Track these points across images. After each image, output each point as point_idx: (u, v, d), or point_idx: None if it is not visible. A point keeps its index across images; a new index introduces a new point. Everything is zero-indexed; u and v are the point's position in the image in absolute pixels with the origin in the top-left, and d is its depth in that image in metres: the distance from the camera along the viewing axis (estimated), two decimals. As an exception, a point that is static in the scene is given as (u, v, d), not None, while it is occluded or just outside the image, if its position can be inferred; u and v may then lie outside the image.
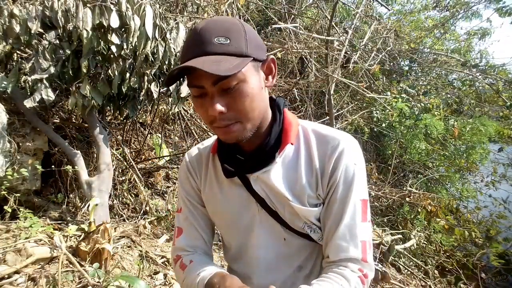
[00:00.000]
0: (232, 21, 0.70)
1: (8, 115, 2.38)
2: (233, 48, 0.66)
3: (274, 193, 0.78)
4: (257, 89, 0.70)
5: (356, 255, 0.74)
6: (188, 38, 0.70)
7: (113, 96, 2.70)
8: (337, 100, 5.21)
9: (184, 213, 0.91)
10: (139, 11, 2.29)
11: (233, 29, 0.68)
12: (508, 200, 4.94)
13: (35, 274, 1.89)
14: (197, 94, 0.70)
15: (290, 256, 0.83)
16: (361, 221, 0.75)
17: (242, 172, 0.79)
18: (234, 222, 0.85)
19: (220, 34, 0.66)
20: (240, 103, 0.68)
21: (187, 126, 4.31)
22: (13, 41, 2.21)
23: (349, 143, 0.77)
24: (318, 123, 0.84)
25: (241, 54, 0.67)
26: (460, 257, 4.06)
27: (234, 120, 0.69)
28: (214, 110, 0.67)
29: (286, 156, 0.78)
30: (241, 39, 0.67)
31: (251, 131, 0.72)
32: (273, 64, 0.75)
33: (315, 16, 5.17)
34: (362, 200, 0.76)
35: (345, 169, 0.75)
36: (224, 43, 0.66)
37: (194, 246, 0.89)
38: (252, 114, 0.70)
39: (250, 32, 0.69)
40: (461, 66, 5.74)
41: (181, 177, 0.92)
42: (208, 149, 0.89)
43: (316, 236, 0.80)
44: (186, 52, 0.69)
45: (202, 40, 0.66)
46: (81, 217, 2.72)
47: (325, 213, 0.78)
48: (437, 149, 5.36)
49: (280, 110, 0.80)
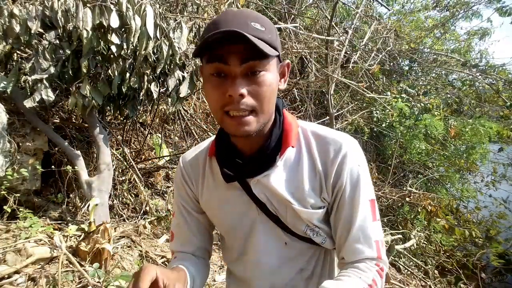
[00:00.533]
0: (262, 15, 0.70)
1: (8, 115, 2.38)
2: (268, 37, 0.65)
3: (275, 197, 0.77)
4: (275, 85, 0.69)
5: (371, 255, 0.74)
6: (216, 20, 0.66)
7: (113, 96, 2.70)
8: (337, 100, 5.21)
9: (177, 218, 0.90)
10: (140, 11, 2.29)
11: (265, 20, 0.68)
12: (508, 200, 4.94)
13: (35, 274, 1.89)
14: (216, 72, 0.66)
15: (291, 259, 0.82)
16: (372, 221, 0.75)
17: (242, 176, 0.77)
18: (234, 227, 0.84)
19: (256, 20, 0.65)
20: (261, 91, 0.66)
21: (187, 126, 4.31)
22: (13, 41, 2.21)
23: (351, 145, 0.76)
24: (316, 124, 0.84)
25: (273, 45, 0.66)
26: (460, 257, 4.06)
27: (250, 109, 0.67)
28: (236, 91, 0.64)
29: (287, 159, 0.77)
30: (273, 31, 0.67)
31: (261, 126, 0.70)
32: (287, 68, 0.75)
33: (315, 16, 5.17)
34: (370, 200, 0.76)
35: (350, 172, 0.74)
36: (259, 29, 0.64)
37: (185, 251, 0.89)
38: (267, 107, 0.69)
39: (277, 32, 0.70)
40: (461, 66, 5.75)
41: (177, 183, 0.91)
42: (205, 152, 0.87)
43: (318, 239, 0.79)
44: (213, 28, 0.64)
45: (237, 21, 0.63)
46: (81, 217, 2.72)
47: (335, 217, 0.77)
48: (437, 149, 5.36)
49: (280, 112, 0.79)
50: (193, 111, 4.41)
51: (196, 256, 0.90)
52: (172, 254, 0.92)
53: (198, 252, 0.90)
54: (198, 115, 4.51)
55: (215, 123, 4.49)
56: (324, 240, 0.80)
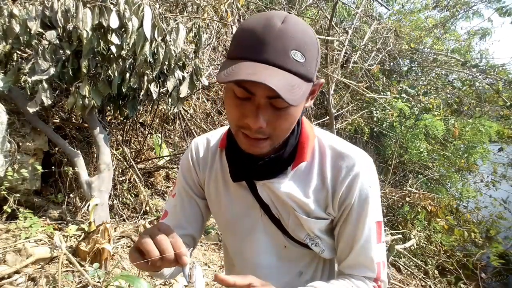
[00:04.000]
0: (311, 33, 0.61)
1: (8, 115, 2.38)
2: (305, 70, 0.59)
3: (279, 202, 0.76)
4: (299, 112, 0.66)
5: (371, 275, 0.76)
6: (258, 32, 0.57)
7: (113, 96, 2.70)
8: (337, 100, 5.21)
9: (176, 199, 0.88)
10: (138, 11, 2.29)
11: (310, 46, 0.60)
12: (508, 200, 4.94)
13: (35, 274, 1.90)
14: (241, 96, 0.62)
15: (290, 262, 0.82)
16: (376, 243, 0.75)
17: (250, 177, 0.77)
18: (234, 224, 0.84)
19: (298, 48, 0.57)
20: (282, 124, 0.64)
21: (187, 126, 4.31)
22: (13, 41, 2.21)
23: (365, 165, 0.74)
24: (335, 136, 0.80)
25: (309, 78, 0.60)
26: (460, 257, 4.06)
27: (267, 136, 0.64)
28: (256, 123, 0.60)
29: (298, 169, 0.76)
30: (313, 60, 0.61)
31: (274, 147, 0.69)
32: (318, 87, 0.70)
33: (315, 16, 5.17)
34: (376, 222, 0.75)
35: (359, 192, 0.72)
36: (299, 61, 0.58)
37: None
38: (285, 135, 0.67)
39: (319, 51, 0.63)
40: (461, 66, 5.74)
41: (183, 165, 0.88)
42: (217, 142, 0.85)
43: (317, 249, 0.79)
44: (251, 47, 0.57)
45: (278, 46, 0.56)
46: (81, 217, 2.72)
47: (339, 231, 0.77)
48: (437, 149, 5.36)
49: (299, 121, 0.75)
50: (193, 111, 4.41)
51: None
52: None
53: (185, 238, 0.87)
54: (198, 115, 4.51)
55: (215, 123, 4.49)
56: (323, 251, 0.79)
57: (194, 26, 2.88)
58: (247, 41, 0.59)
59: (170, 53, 2.46)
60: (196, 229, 0.89)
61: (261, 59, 0.56)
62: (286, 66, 0.56)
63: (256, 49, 0.57)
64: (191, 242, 0.89)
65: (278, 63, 0.56)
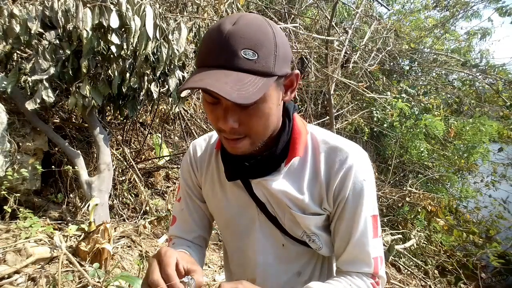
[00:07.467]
0: (265, 29, 0.62)
1: (8, 115, 2.38)
2: (260, 66, 0.59)
3: (275, 200, 0.77)
4: (274, 107, 0.66)
5: (368, 271, 0.75)
6: (211, 38, 0.61)
7: (113, 96, 2.70)
8: (337, 100, 5.21)
9: (182, 204, 0.91)
10: (139, 11, 2.29)
11: (264, 42, 0.60)
12: (507, 200, 4.94)
13: (35, 274, 1.89)
14: (210, 101, 0.64)
15: (289, 261, 0.83)
16: (372, 238, 0.74)
17: (245, 176, 0.78)
18: (232, 223, 0.84)
19: (248, 46, 0.58)
20: (254, 122, 0.64)
21: (187, 126, 4.31)
22: (13, 41, 2.21)
23: (358, 158, 0.74)
24: (328, 132, 0.81)
25: (267, 73, 0.60)
26: (460, 257, 4.06)
27: (244, 135, 0.66)
28: (226, 125, 0.63)
29: (291, 165, 0.76)
30: (270, 55, 0.61)
31: (258, 146, 0.69)
32: (295, 79, 0.69)
33: (315, 16, 5.17)
34: (372, 216, 0.75)
35: (353, 186, 0.72)
36: (251, 59, 0.58)
37: (184, 238, 0.90)
38: (263, 132, 0.67)
39: (280, 45, 0.62)
40: (461, 66, 5.74)
41: (183, 168, 0.91)
42: (213, 143, 0.87)
43: (314, 246, 0.79)
44: (205, 54, 0.61)
45: (227, 49, 0.58)
46: (81, 217, 2.72)
47: (335, 227, 0.77)
48: (437, 149, 5.37)
49: (290, 117, 0.76)
50: (193, 111, 4.42)
51: (194, 243, 0.90)
52: (169, 238, 0.92)
53: (197, 240, 0.91)
54: (198, 115, 4.51)
55: (215, 123, 4.48)
56: (320, 248, 0.79)
57: (194, 26, 2.88)
58: (203, 49, 0.62)
59: (173, 53, 2.46)
60: (205, 229, 0.93)
61: (215, 64, 0.59)
62: (237, 66, 0.58)
63: (210, 56, 0.60)
64: (203, 242, 0.93)
65: (229, 65, 0.58)
